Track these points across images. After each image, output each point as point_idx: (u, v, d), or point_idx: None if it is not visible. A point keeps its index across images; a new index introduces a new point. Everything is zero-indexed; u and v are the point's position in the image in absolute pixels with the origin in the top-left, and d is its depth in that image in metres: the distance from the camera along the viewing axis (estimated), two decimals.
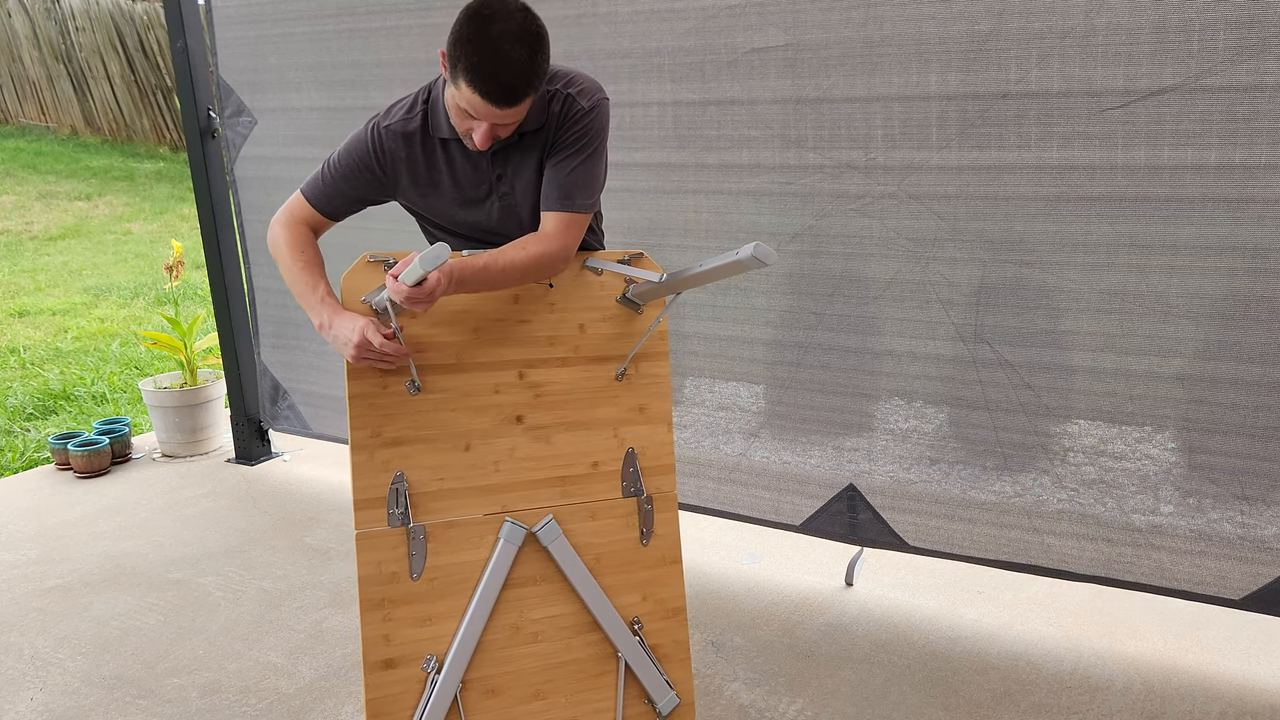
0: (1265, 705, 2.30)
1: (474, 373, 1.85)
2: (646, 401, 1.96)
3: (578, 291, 1.92)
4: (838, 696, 2.37)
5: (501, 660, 1.83)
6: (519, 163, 1.82)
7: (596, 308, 1.93)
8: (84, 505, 3.61)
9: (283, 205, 1.93)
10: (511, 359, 1.87)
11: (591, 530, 1.90)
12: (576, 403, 1.91)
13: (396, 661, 1.76)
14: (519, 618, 1.84)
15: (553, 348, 1.90)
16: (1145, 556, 2.41)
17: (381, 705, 1.75)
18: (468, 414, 1.83)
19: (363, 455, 1.76)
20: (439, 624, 1.79)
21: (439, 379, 1.82)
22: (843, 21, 2.40)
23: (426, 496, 1.79)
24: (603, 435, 1.92)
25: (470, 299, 1.84)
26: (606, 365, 1.93)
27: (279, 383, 3.79)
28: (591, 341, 1.93)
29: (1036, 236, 2.33)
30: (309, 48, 3.25)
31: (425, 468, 1.80)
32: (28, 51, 11.28)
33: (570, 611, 1.88)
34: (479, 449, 1.84)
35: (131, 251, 8.31)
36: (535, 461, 1.87)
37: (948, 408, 2.55)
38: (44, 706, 2.43)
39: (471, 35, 1.59)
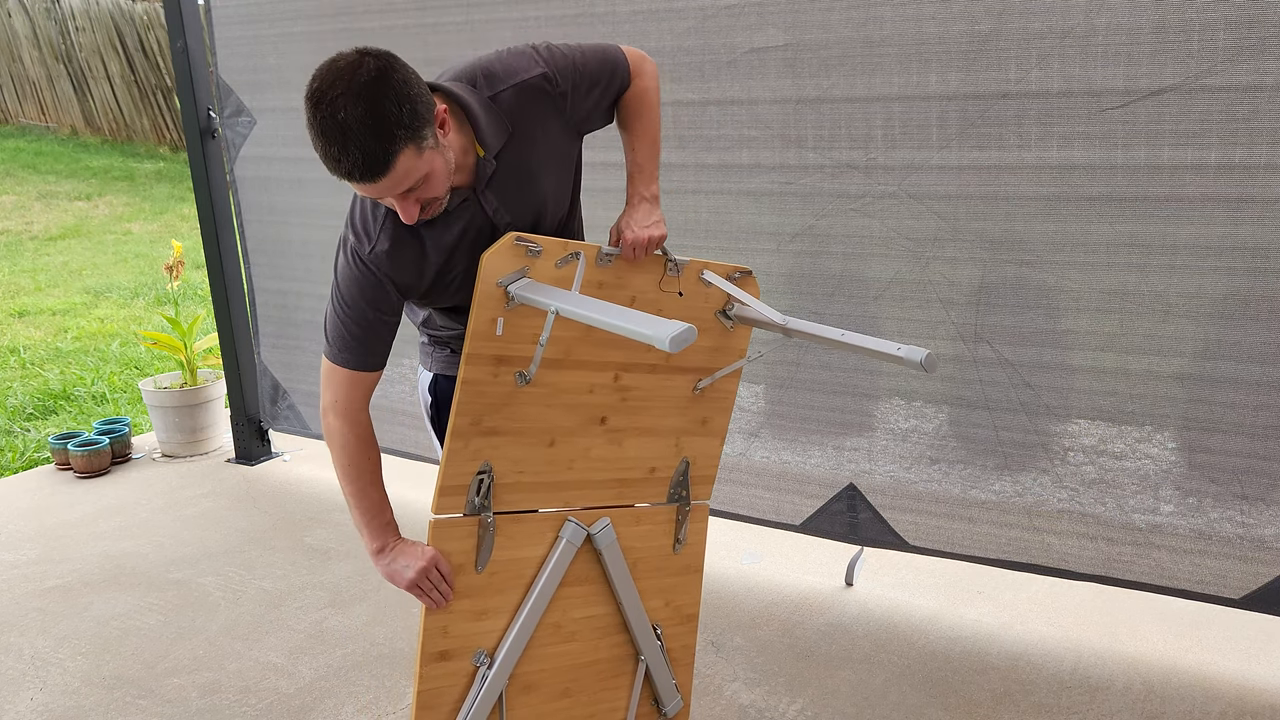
0: (1265, 705, 2.30)
1: (576, 370, 1.81)
2: (711, 415, 1.96)
3: (685, 300, 1.88)
4: (838, 696, 2.37)
5: (540, 658, 1.84)
6: (509, 181, 1.65)
7: (696, 317, 1.89)
8: (84, 505, 3.61)
9: (325, 386, 1.69)
10: (612, 360, 1.83)
11: (635, 534, 1.91)
12: (654, 409, 1.90)
13: (451, 654, 1.75)
14: (561, 616, 1.85)
15: (648, 353, 1.86)
16: (1145, 556, 2.41)
17: (431, 697, 1.74)
18: (560, 410, 1.80)
19: (459, 443, 1.70)
20: (493, 619, 1.78)
21: (543, 373, 1.77)
22: (842, 21, 2.40)
23: (502, 488, 1.77)
24: (666, 443, 1.92)
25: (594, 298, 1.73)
26: (688, 376, 1.91)
27: (279, 383, 3.79)
28: (683, 351, 1.89)
29: (1036, 236, 2.33)
30: (308, 48, 3.25)
31: (509, 460, 1.76)
32: (28, 51, 11.28)
33: (605, 613, 1.89)
34: (561, 446, 1.81)
35: (131, 251, 8.31)
36: (604, 463, 1.86)
37: (948, 407, 2.55)
38: (44, 706, 2.43)
39: (310, 119, 1.38)
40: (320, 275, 3.51)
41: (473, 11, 2.88)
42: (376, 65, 1.39)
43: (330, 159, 1.40)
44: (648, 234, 1.73)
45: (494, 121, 1.60)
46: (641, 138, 1.79)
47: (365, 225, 1.61)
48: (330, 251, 1.97)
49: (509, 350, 1.71)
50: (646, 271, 1.82)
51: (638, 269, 1.81)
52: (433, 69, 3.21)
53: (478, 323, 1.66)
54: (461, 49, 2.93)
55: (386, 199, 1.48)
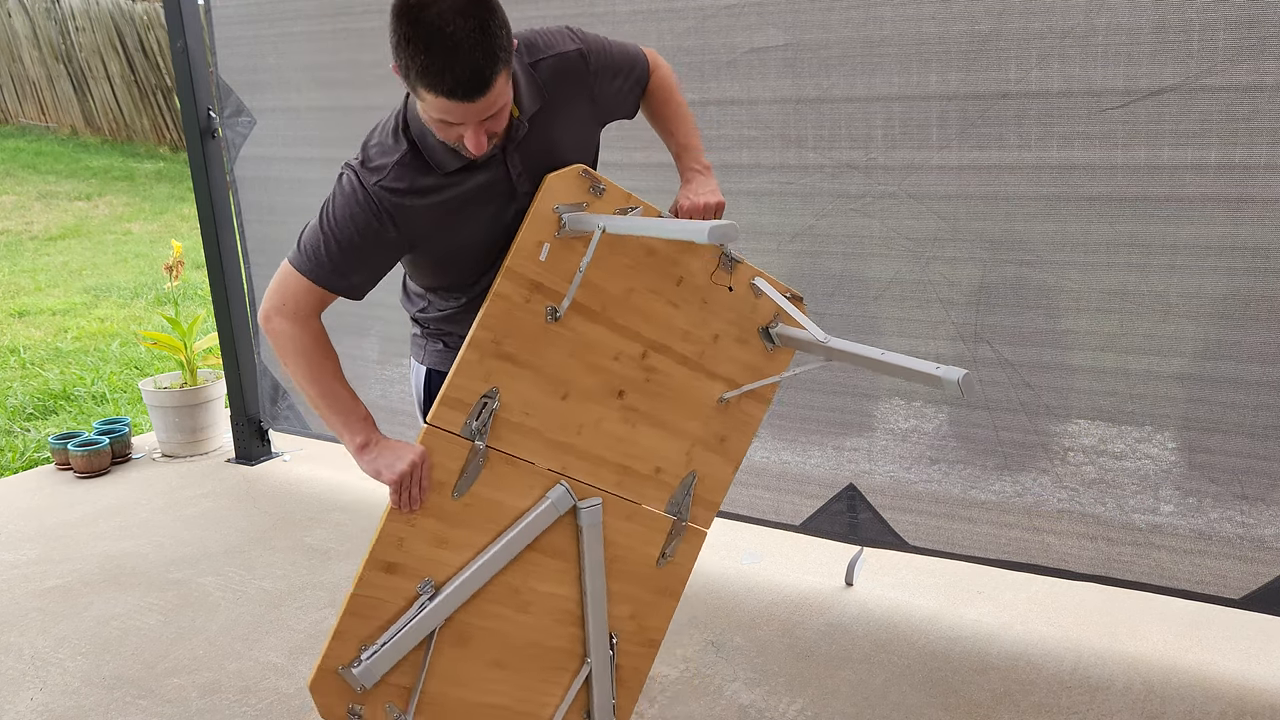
0: (1265, 705, 2.30)
1: (607, 329, 1.76)
2: (730, 434, 1.91)
3: (731, 303, 1.86)
4: (838, 696, 2.37)
5: (485, 614, 1.74)
6: (536, 147, 1.65)
7: (738, 325, 1.87)
8: (84, 505, 3.61)
9: (275, 288, 1.64)
10: (644, 334, 1.80)
11: (622, 529, 1.84)
12: (675, 405, 1.85)
13: (398, 569, 1.65)
14: (521, 581, 1.75)
15: (684, 342, 1.83)
16: (1145, 556, 2.41)
17: (364, 605, 1.63)
18: (581, 366, 1.75)
19: (474, 355, 1.65)
20: (452, 551, 1.69)
21: (575, 319, 1.72)
22: (842, 21, 2.40)
23: (504, 424, 1.70)
24: (678, 446, 1.87)
25: (642, 263, 1.75)
26: (717, 384, 1.88)
27: (279, 383, 3.79)
28: (718, 355, 1.87)
29: (1036, 236, 2.33)
30: (307, 47, 3.25)
31: (518, 395, 1.70)
32: (28, 51, 11.28)
33: (566, 597, 1.81)
34: (573, 404, 1.76)
35: (131, 251, 8.31)
36: (612, 440, 1.80)
37: (948, 407, 2.55)
38: (44, 706, 2.43)
39: (409, 33, 1.38)
40: None
41: None
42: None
43: (433, 72, 1.38)
44: (705, 200, 1.74)
45: (531, 85, 1.61)
46: (677, 119, 1.83)
47: (381, 157, 1.57)
48: None
49: (548, 280, 1.69)
50: (700, 257, 1.81)
51: (692, 253, 1.80)
52: None
53: (524, 241, 1.65)
54: None
55: (459, 128, 1.46)
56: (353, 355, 3.52)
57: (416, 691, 1.68)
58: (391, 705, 1.66)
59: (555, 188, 1.66)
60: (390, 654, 1.64)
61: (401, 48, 1.39)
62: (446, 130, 1.49)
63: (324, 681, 1.61)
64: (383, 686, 1.65)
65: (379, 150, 1.58)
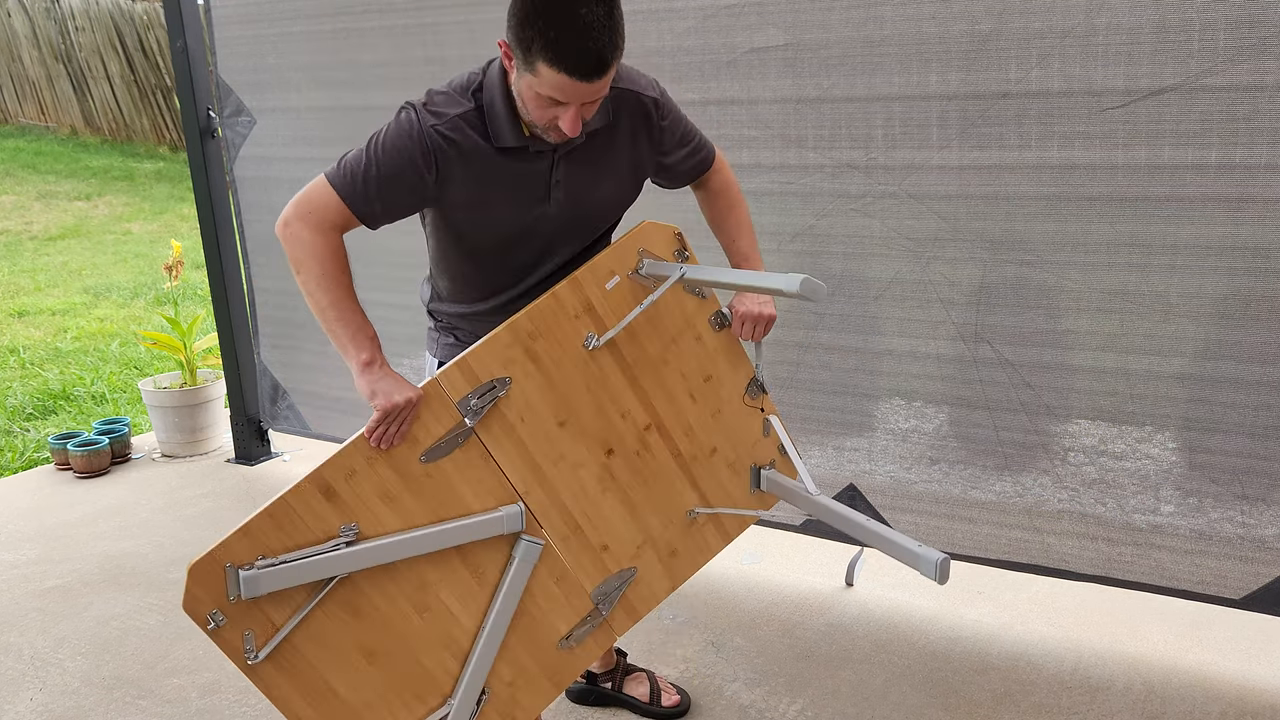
0: (1265, 705, 2.30)
1: (628, 384, 1.76)
2: (681, 552, 1.88)
3: (739, 426, 1.89)
4: (838, 696, 2.37)
5: (386, 594, 1.64)
6: (583, 163, 1.69)
7: (735, 451, 1.90)
8: (84, 505, 3.61)
9: (302, 197, 1.61)
10: (657, 409, 1.80)
11: (544, 587, 1.76)
12: (649, 492, 1.82)
13: (335, 498, 1.58)
14: (433, 581, 1.67)
15: (685, 438, 1.84)
16: (1145, 556, 2.41)
17: (285, 515, 1.55)
18: (590, 404, 1.73)
19: (507, 336, 1.64)
20: (390, 511, 1.62)
21: (606, 358, 1.71)
22: (842, 21, 2.40)
23: (497, 418, 1.67)
24: (633, 536, 1.83)
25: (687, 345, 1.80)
26: (694, 495, 1.87)
27: (279, 383, 3.79)
28: (707, 468, 1.87)
29: (1037, 236, 2.33)
30: (307, 47, 3.25)
31: (523, 398, 1.67)
32: (28, 51, 11.28)
33: (464, 626, 1.70)
34: (565, 434, 1.72)
35: (131, 251, 8.31)
36: (580, 491, 1.76)
37: (948, 407, 2.55)
38: (44, 706, 2.43)
39: (541, 9, 1.43)
40: None
41: (472, 11, 2.88)
42: None
43: (561, 49, 1.43)
44: (760, 310, 1.80)
45: (602, 105, 1.65)
46: (740, 229, 1.88)
47: (445, 106, 1.60)
48: None
49: (601, 308, 1.70)
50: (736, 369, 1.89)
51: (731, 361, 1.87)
52: (433, 68, 3.22)
53: (600, 263, 1.68)
54: (461, 49, 2.93)
55: (561, 108, 1.50)
56: None
57: (281, 633, 1.57)
58: (250, 634, 1.55)
59: (649, 233, 1.71)
60: (282, 576, 1.55)
61: (529, 21, 1.44)
62: (545, 109, 1.52)
63: (205, 571, 1.51)
64: (254, 609, 1.55)
65: (445, 100, 1.61)
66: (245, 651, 1.55)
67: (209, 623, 1.52)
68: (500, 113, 1.59)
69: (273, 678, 1.58)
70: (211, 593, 1.52)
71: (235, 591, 1.53)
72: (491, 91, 1.59)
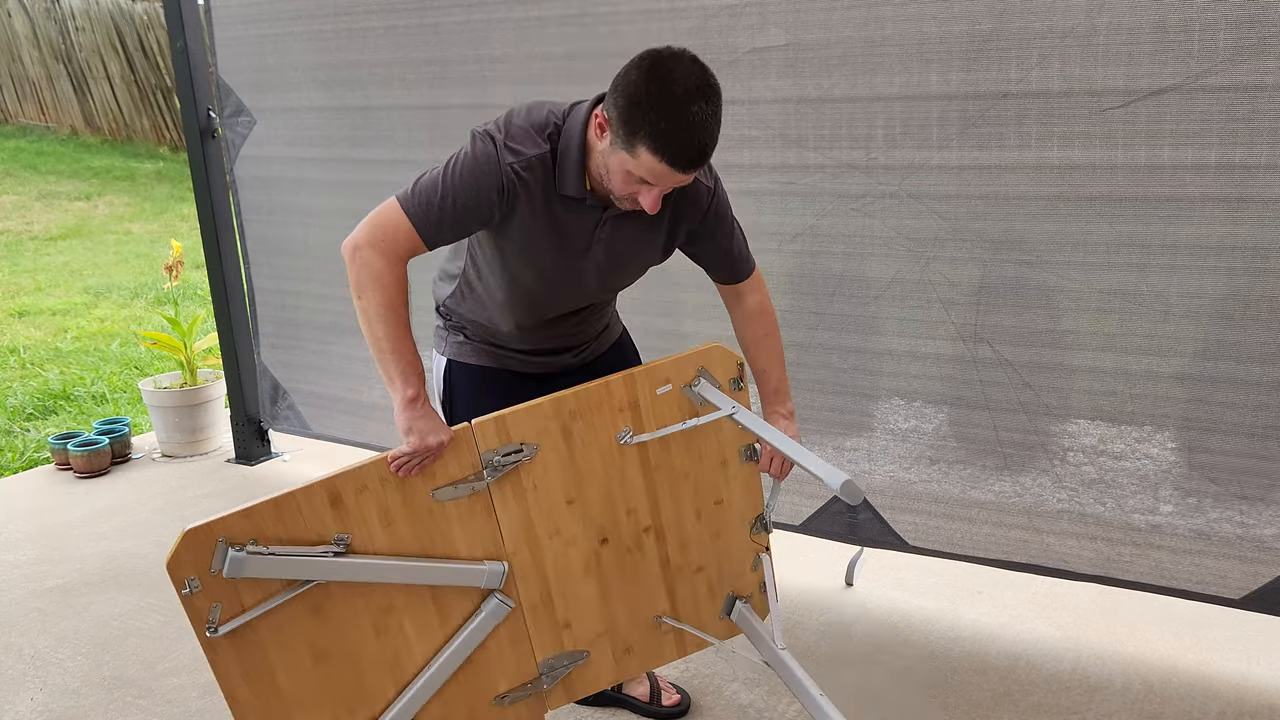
0: (1265, 705, 2.30)
1: (644, 484, 1.79)
2: (636, 653, 1.90)
3: (731, 555, 1.92)
4: (838, 696, 2.37)
5: (351, 606, 1.67)
6: (627, 228, 1.73)
7: (719, 577, 1.92)
8: (84, 505, 3.61)
9: (376, 221, 1.63)
10: (663, 515, 1.83)
11: (500, 644, 1.79)
12: (627, 589, 1.85)
13: (339, 507, 1.61)
14: (399, 606, 1.69)
15: (678, 550, 1.86)
16: (1145, 556, 2.41)
17: (289, 509, 1.58)
18: (601, 491, 1.77)
19: (550, 408, 1.67)
20: (385, 533, 1.65)
21: (631, 455, 1.77)
22: (843, 21, 2.40)
23: (512, 480, 1.70)
24: (596, 624, 1.85)
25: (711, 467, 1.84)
26: (667, 605, 1.89)
27: (279, 383, 3.79)
28: (687, 584, 1.90)
29: (1037, 236, 2.33)
30: (307, 47, 3.25)
31: (543, 469, 1.71)
32: (28, 51, 11.28)
33: (414, 658, 1.72)
34: (569, 512, 1.76)
35: (131, 251, 8.31)
36: (563, 568, 1.79)
37: (948, 407, 2.55)
38: (44, 706, 2.43)
39: (654, 99, 1.46)
40: (320, 275, 3.51)
41: (473, 11, 2.88)
42: (709, 69, 1.52)
43: (667, 141, 1.48)
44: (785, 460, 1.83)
45: None
46: (773, 360, 1.90)
47: (523, 143, 1.62)
48: (330, 251, 1.98)
49: (645, 410, 1.74)
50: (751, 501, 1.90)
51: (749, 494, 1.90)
52: (433, 68, 3.22)
53: (659, 368, 1.73)
54: (462, 49, 2.93)
55: (646, 187, 1.56)
56: (352, 355, 3.52)
57: (246, 616, 1.60)
58: (219, 606, 1.58)
59: (713, 355, 1.75)
60: (267, 566, 1.58)
61: (640, 108, 1.48)
62: (630, 184, 1.57)
63: (199, 538, 1.54)
64: (229, 586, 1.58)
65: (523, 136, 1.63)
66: (208, 623, 1.58)
67: (184, 586, 1.56)
68: (571, 163, 1.63)
69: (224, 653, 1.61)
70: (197, 560, 1.55)
71: (219, 566, 1.56)
72: (569, 140, 1.62)
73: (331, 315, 3.54)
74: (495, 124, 1.64)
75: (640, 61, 1.50)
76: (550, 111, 1.65)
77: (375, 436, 3.57)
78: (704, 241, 1.81)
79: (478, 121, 1.68)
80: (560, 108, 1.67)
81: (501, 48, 2.87)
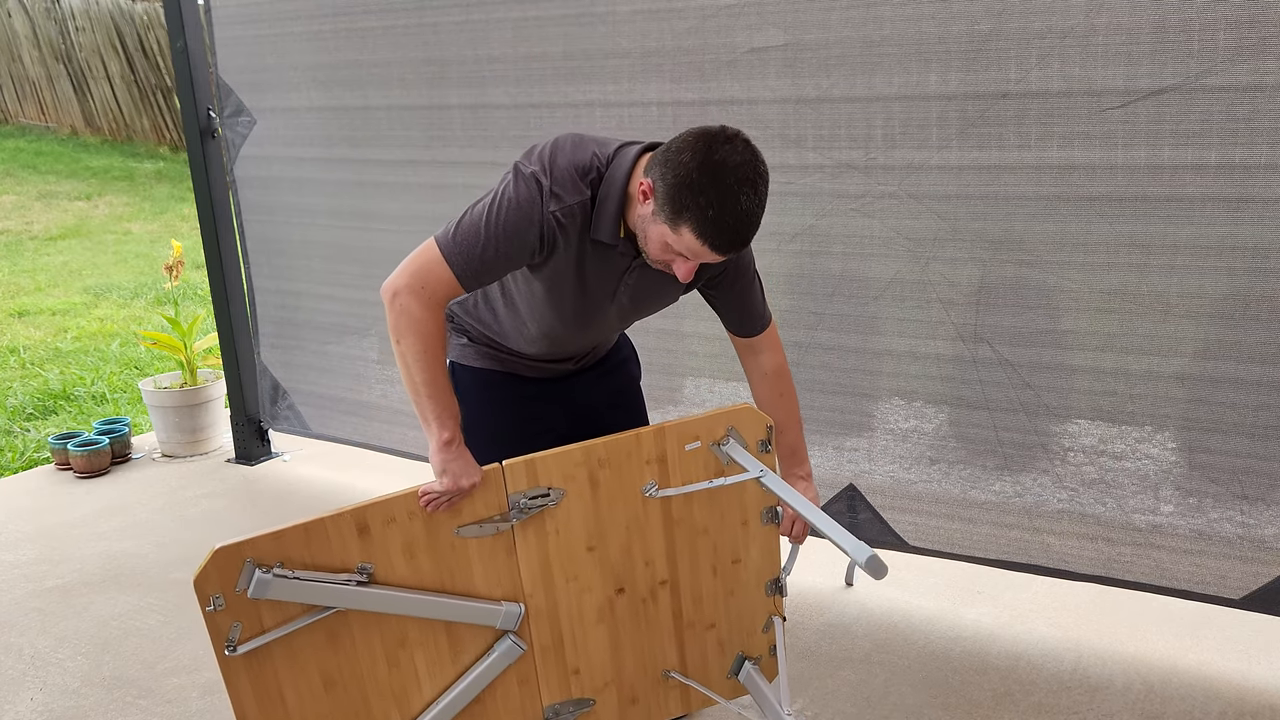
0: (1265, 705, 2.30)
1: (664, 538, 1.80)
2: (641, 701, 1.91)
3: (743, 615, 1.93)
4: (838, 696, 2.37)
5: (365, 637, 1.69)
6: (654, 276, 1.74)
7: (729, 635, 1.92)
8: (84, 505, 3.61)
9: (416, 268, 1.62)
10: (680, 570, 1.84)
11: (509, 685, 1.80)
12: (638, 639, 1.86)
13: (365, 536, 1.63)
14: (413, 640, 1.72)
15: (692, 604, 1.87)
16: (1145, 556, 2.41)
17: (319, 535, 1.61)
18: (621, 542, 1.78)
19: (579, 455, 1.69)
20: (406, 565, 1.67)
21: (654, 508, 1.78)
22: (842, 21, 2.40)
23: (535, 523, 1.72)
24: (604, 673, 1.86)
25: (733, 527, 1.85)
26: (676, 659, 1.90)
27: (279, 383, 3.79)
28: (698, 640, 1.91)
29: (1036, 236, 2.32)
30: (307, 47, 3.25)
31: (567, 515, 1.73)
32: (28, 51, 11.28)
33: (422, 692, 1.74)
34: (588, 559, 1.77)
35: (131, 251, 8.31)
36: (577, 615, 1.80)
37: (948, 407, 2.55)
38: (44, 706, 2.43)
39: (704, 185, 1.47)
40: (320, 275, 3.51)
41: (472, 11, 2.88)
42: (759, 154, 1.54)
43: (712, 227, 1.48)
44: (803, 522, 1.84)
45: None
46: (790, 419, 1.90)
47: (566, 190, 1.60)
48: (329, 251, 1.98)
49: (673, 464, 1.76)
50: (771, 563, 1.92)
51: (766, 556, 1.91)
52: (431, 68, 3.21)
53: (690, 424, 1.74)
54: (460, 49, 2.93)
55: (683, 260, 1.57)
56: (352, 355, 3.52)
57: (264, 638, 1.62)
58: (239, 626, 1.60)
59: (743, 416, 1.77)
60: (291, 590, 1.60)
61: (690, 189, 1.47)
62: (668, 253, 1.57)
63: (228, 557, 1.56)
64: (252, 607, 1.60)
65: (567, 183, 1.60)
66: (228, 641, 1.60)
67: (209, 603, 1.57)
68: (609, 212, 1.61)
69: (239, 672, 1.63)
70: (224, 578, 1.57)
71: (244, 586, 1.58)
72: (610, 189, 1.61)
73: (331, 315, 3.54)
74: (540, 163, 1.61)
75: (695, 143, 1.49)
76: (595, 154, 1.63)
77: (375, 436, 3.57)
78: (723, 290, 1.81)
79: (519, 154, 1.66)
80: (606, 148, 1.64)
81: (500, 48, 2.87)
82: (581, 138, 1.66)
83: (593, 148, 1.64)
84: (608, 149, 1.64)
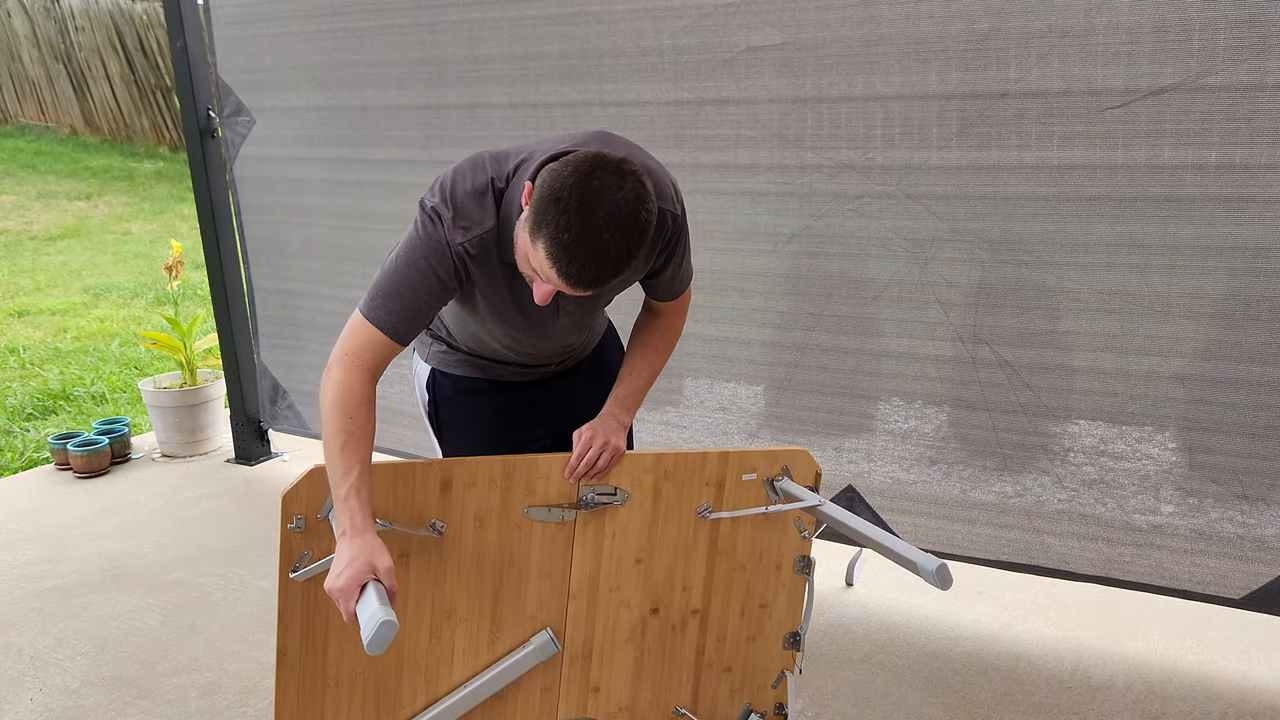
0: (1265, 705, 2.30)
1: (705, 564, 1.82)
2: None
3: (761, 666, 1.93)
4: (838, 696, 2.37)
5: (416, 604, 1.70)
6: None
7: (744, 682, 1.92)
8: (84, 505, 3.61)
9: (343, 340, 1.58)
10: (714, 601, 1.85)
11: (531, 688, 1.81)
12: (659, 666, 1.87)
13: (446, 491, 1.64)
14: (460, 616, 1.72)
15: (716, 641, 1.88)
16: (1145, 556, 2.40)
17: (403, 477, 1.62)
18: (667, 557, 1.79)
19: (650, 461, 1.71)
20: (472, 533, 1.68)
21: (704, 530, 1.80)
22: (840, 20, 2.39)
23: (597, 524, 1.73)
24: (622, 696, 1.87)
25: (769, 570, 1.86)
26: (686, 695, 1.90)
27: (278, 383, 3.79)
28: (716, 680, 1.91)
29: (1036, 236, 2.32)
30: (306, 47, 3.25)
31: (625, 520, 1.74)
32: (27, 51, 11.28)
33: (453, 673, 1.76)
34: (635, 570, 1.79)
35: (131, 251, 8.31)
36: (610, 627, 1.81)
37: (947, 408, 2.55)
38: (44, 706, 2.43)
39: (573, 206, 1.36)
40: (320, 275, 3.51)
41: (470, 11, 2.88)
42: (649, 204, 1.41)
43: (564, 256, 1.38)
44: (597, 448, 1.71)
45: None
46: (645, 360, 1.83)
47: (469, 220, 1.55)
48: (328, 251, 1.97)
49: (730, 489, 1.78)
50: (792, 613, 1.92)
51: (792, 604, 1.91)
52: (428, 68, 3.20)
53: (752, 456, 1.78)
54: (458, 49, 2.93)
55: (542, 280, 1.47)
56: None
57: (323, 562, 1.59)
58: (308, 553, 1.61)
59: (799, 458, 1.79)
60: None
61: (555, 205, 1.37)
62: (527, 268, 1.49)
63: (320, 481, 1.58)
64: (327, 538, 1.61)
65: (471, 209, 1.55)
66: (295, 564, 1.62)
67: (291, 520, 1.59)
68: (513, 237, 1.56)
69: (293, 599, 1.64)
70: (312, 499, 1.59)
71: (327, 512, 1.60)
72: (510, 208, 1.55)
73: (331, 315, 3.54)
74: (441, 195, 1.55)
75: (584, 163, 1.39)
76: (492, 176, 1.56)
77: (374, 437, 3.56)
78: (660, 272, 1.74)
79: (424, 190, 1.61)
80: (504, 165, 1.57)
81: (497, 47, 2.87)
82: (480, 159, 1.59)
83: (490, 169, 1.57)
84: (506, 166, 1.57)
